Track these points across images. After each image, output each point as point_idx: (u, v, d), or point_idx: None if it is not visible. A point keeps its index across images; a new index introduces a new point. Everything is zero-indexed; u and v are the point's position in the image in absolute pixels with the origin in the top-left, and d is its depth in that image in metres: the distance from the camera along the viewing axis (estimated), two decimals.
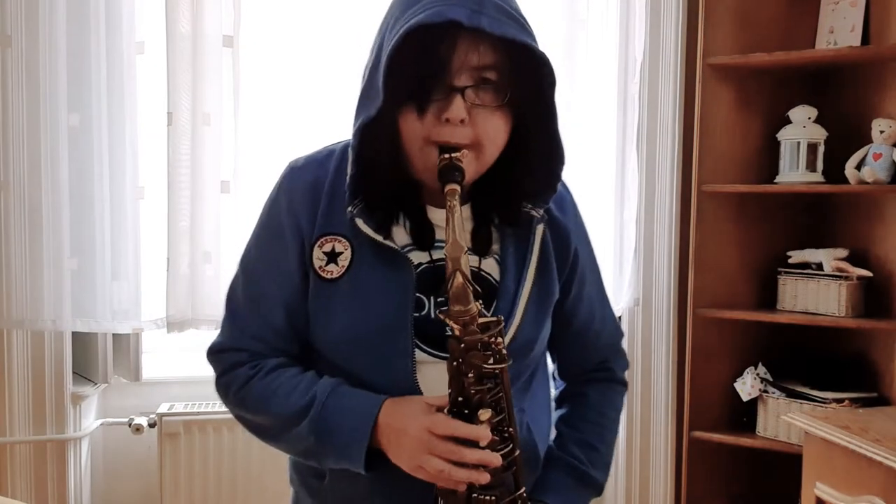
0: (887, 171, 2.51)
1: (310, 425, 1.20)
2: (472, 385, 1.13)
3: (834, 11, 2.69)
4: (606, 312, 1.45)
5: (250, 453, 2.65)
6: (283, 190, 1.28)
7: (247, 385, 1.26)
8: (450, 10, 1.09)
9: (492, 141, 1.17)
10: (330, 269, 1.23)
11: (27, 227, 2.39)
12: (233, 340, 1.30)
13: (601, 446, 1.41)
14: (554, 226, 1.31)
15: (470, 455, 1.12)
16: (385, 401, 1.19)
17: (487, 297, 1.24)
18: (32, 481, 2.52)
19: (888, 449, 1.84)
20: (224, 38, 2.45)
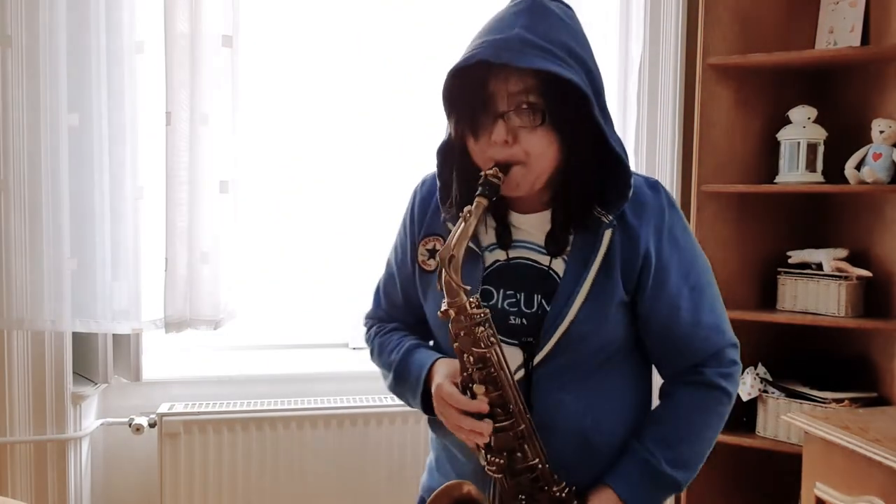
0: (887, 171, 2.50)
1: (393, 374, 1.56)
2: (471, 364, 1.37)
3: (834, 11, 2.69)
4: (702, 317, 1.49)
5: (250, 453, 2.66)
6: (411, 198, 1.61)
7: (373, 340, 1.66)
8: (480, 52, 1.33)
9: (538, 156, 1.38)
10: (430, 262, 1.54)
11: (27, 228, 2.39)
12: (372, 311, 1.71)
13: (680, 445, 1.49)
14: (626, 231, 1.44)
15: (465, 422, 1.38)
16: (437, 359, 1.49)
17: (551, 292, 1.44)
18: (33, 481, 2.52)
19: (888, 449, 1.84)
20: (223, 38, 2.45)
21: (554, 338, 1.42)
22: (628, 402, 1.53)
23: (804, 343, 2.77)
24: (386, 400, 2.75)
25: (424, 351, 1.55)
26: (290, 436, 2.69)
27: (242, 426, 2.65)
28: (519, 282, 1.46)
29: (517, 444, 1.39)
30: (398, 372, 1.55)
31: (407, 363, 1.54)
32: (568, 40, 1.35)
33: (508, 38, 1.32)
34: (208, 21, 2.42)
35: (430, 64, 2.80)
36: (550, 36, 1.34)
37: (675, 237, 1.49)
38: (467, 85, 1.37)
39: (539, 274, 1.46)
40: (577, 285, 1.42)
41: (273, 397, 2.75)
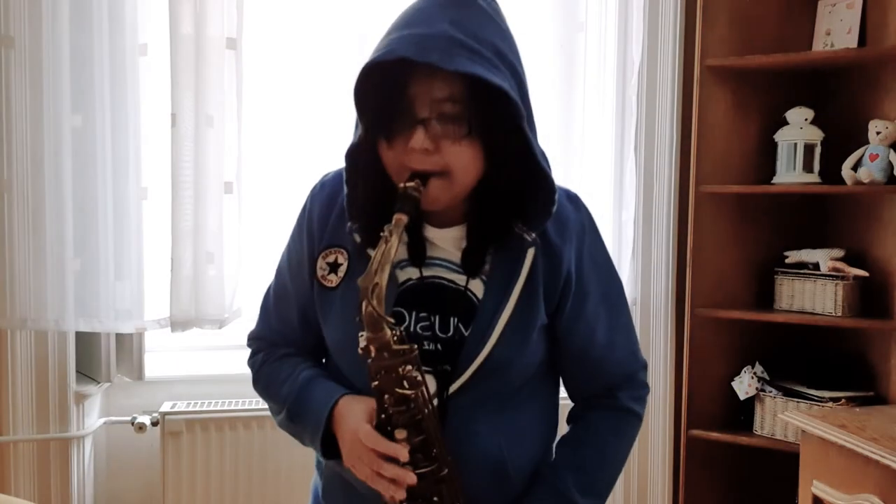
0: (883, 171, 2.52)
1: (287, 411, 1.37)
2: (391, 405, 1.22)
3: (831, 13, 2.70)
4: (616, 339, 1.43)
5: (252, 452, 2.66)
6: (307, 202, 1.41)
7: (260, 369, 1.45)
8: (401, 47, 1.16)
9: (461, 169, 1.23)
10: (330, 278, 1.35)
11: (30, 228, 2.40)
12: (259, 330, 1.48)
13: (594, 472, 1.41)
14: (548, 250, 1.33)
15: (387, 469, 1.22)
16: (342, 396, 1.31)
17: (469, 316, 1.31)
18: (36, 480, 2.52)
19: (885, 447, 1.85)
20: (227, 41, 2.46)
21: (473, 366, 1.29)
22: (542, 428, 1.44)
23: (801, 342, 2.79)
24: None
25: (323, 384, 1.36)
26: None
27: (245, 425, 2.66)
28: (433, 304, 1.32)
29: (436, 490, 1.27)
30: (293, 410, 1.36)
31: (304, 400, 1.35)
32: (496, 40, 1.21)
33: (434, 35, 1.16)
34: (212, 23, 2.43)
35: None
36: (479, 35, 1.19)
37: (595, 258, 1.41)
38: (383, 82, 1.20)
39: (455, 295, 1.32)
40: (499, 309, 1.30)
41: None
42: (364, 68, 1.19)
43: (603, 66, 2.80)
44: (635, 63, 2.81)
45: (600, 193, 2.80)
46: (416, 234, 1.33)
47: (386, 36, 1.21)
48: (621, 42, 2.80)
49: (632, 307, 2.87)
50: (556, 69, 2.75)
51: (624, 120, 2.82)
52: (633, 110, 2.82)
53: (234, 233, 2.52)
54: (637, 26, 2.79)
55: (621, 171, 2.83)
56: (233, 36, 2.46)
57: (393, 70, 1.18)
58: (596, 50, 2.79)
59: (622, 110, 2.82)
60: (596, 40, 2.79)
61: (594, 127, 2.80)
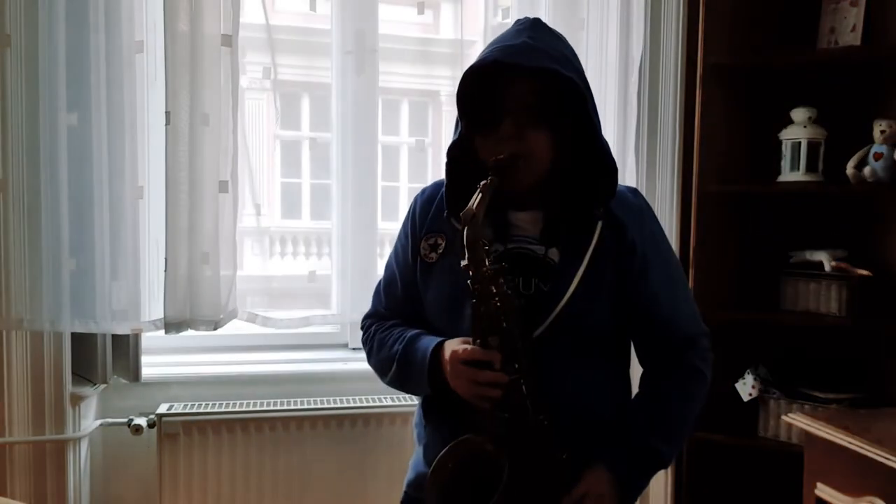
0: (888, 170, 2.50)
1: (397, 363, 1.66)
2: (485, 316, 1.49)
3: (834, 11, 2.69)
4: (680, 307, 1.69)
5: (250, 453, 2.65)
6: (412, 205, 1.77)
7: (372, 338, 1.76)
8: (493, 54, 1.52)
9: (539, 152, 1.56)
10: (431, 256, 1.68)
11: (26, 227, 2.39)
12: (372, 310, 1.83)
13: (667, 426, 1.64)
14: (614, 223, 1.61)
15: (483, 373, 1.49)
16: (444, 340, 1.60)
17: (549, 277, 1.58)
18: (31, 482, 2.52)
19: (889, 450, 1.84)
20: (223, 38, 2.44)
21: (553, 314, 1.55)
22: (615, 387, 1.69)
23: (805, 343, 2.76)
24: (386, 400, 2.74)
25: (428, 337, 1.64)
26: (289, 436, 2.68)
27: (242, 427, 2.65)
28: (517, 268, 1.58)
29: (524, 401, 1.51)
30: (402, 359, 1.65)
31: (412, 349, 1.64)
32: (565, 52, 1.57)
33: (517, 45, 1.52)
34: (208, 21, 2.42)
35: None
36: (551, 46, 1.55)
37: (655, 235, 1.69)
38: (479, 86, 1.54)
39: (536, 261, 1.60)
40: (573, 269, 1.57)
41: (273, 397, 2.74)
42: (463, 76, 1.55)
43: (604, 65, 2.78)
44: (637, 61, 2.79)
45: None
46: (500, 217, 1.62)
47: (480, 54, 1.58)
48: (623, 40, 2.78)
49: None
50: None
51: (626, 119, 2.81)
52: (634, 109, 2.80)
53: (229, 232, 2.50)
54: (638, 24, 2.78)
55: (623, 170, 2.80)
56: (228, 34, 2.45)
57: (486, 76, 1.53)
58: (597, 48, 2.78)
59: (624, 109, 2.80)
60: (597, 38, 2.78)
61: None
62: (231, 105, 2.46)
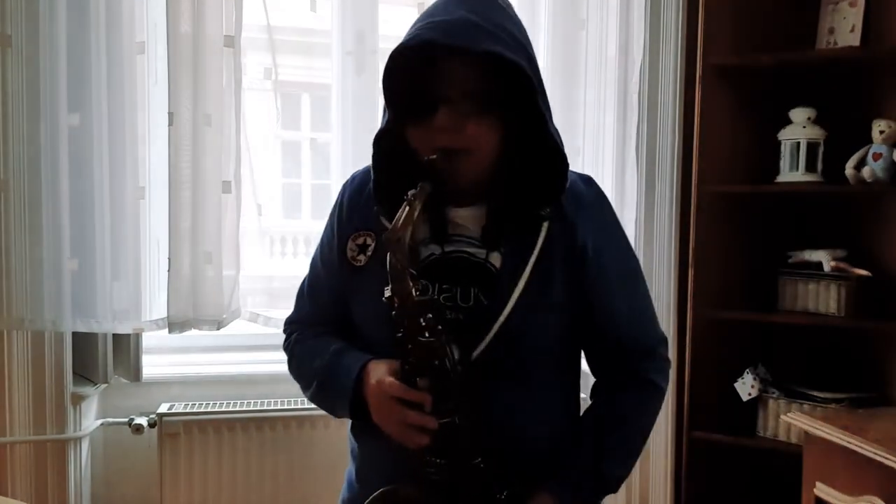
0: (887, 171, 2.50)
1: (318, 381, 1.48)
2: (413, 355, 1.30)
3: (834, 11, 2.69)
4: (637, 313, 1.51)
5: (250, 453, 2.65)
6: (340, 194, 1.55)
7: (293, 347, 1.57)
8: (427, 32, 1.29)
9: (482, 145, 1.35)
10: (359, 258, 1.46)
11: (27, 228, 2.39)
12: (295, 315, 1.62)
13: (619, 445, 1.48)
14: (563, 224, 1.42)
15: (410, 416, 1.30)
16: (369, 361, 1.40)
17: (490, 286, 1.40)
18: (32, 481, 2.52)
19: (888, 449, 1.84)
20: (225, 39, 2.44)
21: (493, 331, 1.37)
22: (562, 408, 1.50)
23: (804, 343, 2.77)
24: None
25: (353, 353, 1.45)
26: (289, 436, 2.68)
27: (242, 426, 2.65)
28: (455, 276, 1.41)
29: (459, 443, 1.33)
30: (324, 378, 1.46)
31: (334, 367, 1.45)
32: (510, 26, 1.34)
33: (455, 21, 1.29)
34: (210, 22, 2.42)
35: None
36: (494, 20, 1.32)
37: (611, 232, 1.50)
38: (410, 68, 1.32)
39: (475, 267, 1.41)
40: (515, 278, 1.38)
41: (273, 397, 2.74)
42: (391, 56, 1.31)
43: (604, 65, 2.78)
44: (637, 61, 2.79)
45: None
46: (438, 213, 1.42)
47: (410, 29, 1.33)
48: (623, 40, 2.78)
49: None
50: (557, 67, 2.73)
51: (625, 119, 2.81)
52: (634, 109, 2.80)
53: (231, 232, 2.50)
54: (638, 24, 2.77)
55: (623, 170, 2.81)
56: (231, 34, 2.45)
57: (418, 57, 1.30)
58: (597, 48, 2.78)
59: (624, 109, 2.80)
60: (597, 38, 2.78)
61: (595, 126, 2.79)
62: (233, 105, 2.46)
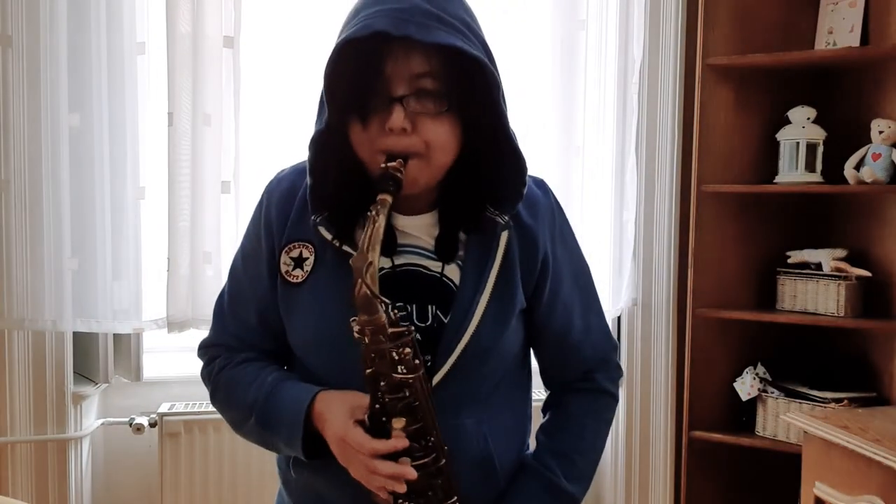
0: (886, 171, 2.51)
1: (256, 417, 1.28)
2: (386, 393, 1.16)
3: (833, 12, 2.69)
4: (591, 322, 1.42)
5: (250, 453, 2.65)
6: (264, 198, 1.34)
7: (218, 376, 1.35)
8: (376, 22, 1.12)
9: (439, 148, 1.19)
10: (296, 273, 1.28)
11: (28, 227, 2.39)
12: (215, 336, 1.39)
13: (578, 457, 1.39)
14: (522, 232, 1.31)
15: (382, 468, 1.15)
16: (318, 393, 1.24)
17: (447, 302, 1.27)
18: (33, 481, 2.52)
19: (887, 449, 1.84)
20: (224, 39, 2.45)
21: (455, 352, 1.24)
22: (521, 422, 1.43)
23: (803, 343, 2.77)
24: None
25: (295, 384, 1.28)
26: None
27: None
28: (409, 292, 1.26)
29: (435, 483, 1.21)
30: (263, 414, 1.27)
31: (276, 402, 1.27)
32: (463, 14, 1.19)
33: (408, 9, 1.13)
34: (210, 22, 2.42)
35: None
36: (448, 9, 1.16)
37: (566, 240, 1.39)
38: (355, 62, 1.16)
39: (431, 282, 1.28)
40: (477, 293, 1.26)
41: None
42: (336, 47, 1.15)
43: (604, 65, 2.78)
44: (636, 61, 2.79)
45: (601, 193, 2.79)
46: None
47: (355, 14, 1.17)
48: (622, 40, 2.79)
49: (633, 308, 2.87)
50: (556, 68, 2.73)
51: (625, 119, 2.81)
52: (634, 109, 2.80)
53: (231, 232, 2.51)
54: (638, 24, 2.78)
55: (622, 170, 2.81)
56: (230, 35, 2.45)
57: (365, 49, 1.14)
58: (597, 48, 2.78)
59: (623, 109, 2.80)
60: (597, 38, 2.77)
61: (595, 126, 2.79)
62: (233, 106, 2.47)
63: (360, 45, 1.13)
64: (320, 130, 1.21)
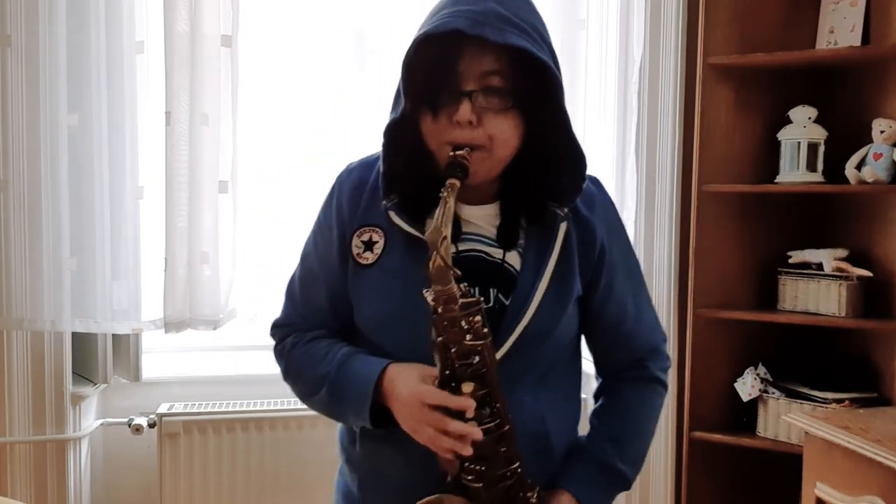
0: (887, 171, 2.50)
1: (329, 386, 1.37)
2: (456, 360, 1.24)
3: (834, 11, 2.68)
4: (643, 313, 1.51)
5: (249, 453, 2.66)
6: (335, 188, 1.45)
7: (291, 352, 1.46)
8: (455, 21, 1.22)
9: (502, 142, 1.29)
10: (366, 255, 1.39)
11: (26, 227, 2.40)
12: (286, 317, 1.51)
13: (630, 441, 1.49)
14: (580, 224, 1.40)
15: (453, 426, 1.23)
16: (388, 365, 1.33)
17: (508, 287, 1.36)
18: (32, 481, 2.52)
19: (889, 449, 1.84)
20: (222, 38, 2.45)
21: (515, 333, 1.33)
22: (573, 405, 1.50)
23: (805, 343, 2.76)
24: None
25: (365, 357, 1.37)
26: (289, 436, 2.68)
27: (242, 426, 2.65)
28: (472, 276, 1.33)
29: (498, 449, 1.28)
30: (334, 385, 1.37)
31: (347, 373, 1.36)
32: (534, 20, 1.29)
33: (483, 11, 1.23)
34: (208, 21, 2.42)
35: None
36: (520, 14, 1.27)
37: (619, 233, 1.49)
38: (431, 57, 1.26)
39: (493, 267, 1.37)
40: (536, 279, 1.35)
41: (273, 397, 2.74)
42: (415, 42, 1.25)
43: (604, 65, 2.78)
44: (637, 61, 2.79)
45: None
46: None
47: (433, 15, 1.27)
48: (623, 40, 2.78)
49: None
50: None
51: (625, 119, 2.81)
52: (634, 109, 2.80)
53: (229, 232, 2.50)
54: (638, 24, 2.77)
55: (623, 170, 2.81)
56: (228, 34, 2.46)
57: (441, 46, 1.24)
58: (597, 48, 2.78)
59: (624, 109, 2.80)
60: (597, 38, 2.78)
61: (595, 125, 2.78)
62: (231, 105, 2.46)
63: (437, 42, 1.24)
64: (395, 119, 1.31)
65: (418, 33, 1.25)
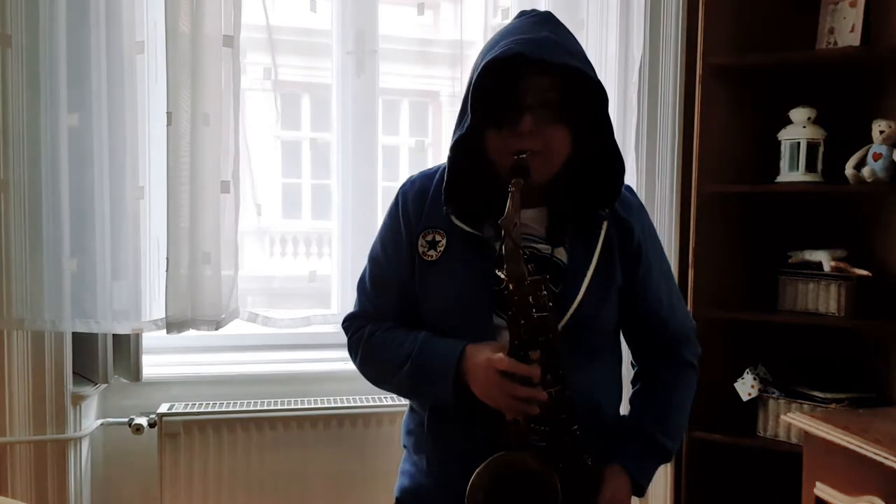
0: (887, 171, 2.50)
1: (410, 365, 1.59)
2: (525, 331, 1.46)
3: (834, 11, 2.69)
4: (675, 304, 1.74)
5: (250, 453, 2.65)
6: (399, 197, 1.70)
7: (369, 339, 1.67)
8: (517, 47, 1.46)
9: (555, 149, 1.53)
10: (430, 253, 1.62)
11: (27, 227, 2.39)
12: (360, 309, 1.73)
13: (670, 417, 1.70)
14: (619, 223, 1.63)
15: (520, 390, 1.46)
16: (468, 343, 1.55)
17: (556, 278, 1.56)
18: (32, 481, 2.51)
19: (888, 449, 1.84)
20: (224, 38, 2.44)
21: (565, 318, 1.54)
22: (617, 385, 1.73)
23: (804, 343, 2.77)
24: (386, 400, 2.74)
25: (444, 339, 1.59)
26: (290, 436, 2.68)
27: (242, 426, 2.65)
28: None
29: (559, 412, 1.50)
30: (418, 362, 1.58)
31: (429, 352, 1.58)
32: (581, 50, 1.54)
33: (540, 39, 1.47)
34: (209, 21, 2.42)
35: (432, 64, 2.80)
36: (569, 43, 1.52)
37: (652, 233, 1.73)
38: (494, 79, 1.48)
39: (543, 261, 1.58)
40: (583, 271, 1.57)
41: (273, 397, 2.75)
42: (484, 66, 1.48)
43: (604, 65, 2.78)
44: (637, 61, 2.79)
45: None
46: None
47: (495, 44, 1.51)
48: (622, 40, 2.78)
49: None
50: None
51: (625, 119, 2.81)
52: (634, 109, 2.80)
53: (230, 232, 2.50)
54: (638, 24, 2.77)
55: None
56: (230, 34, 2.45)
57: (503, 70, 1.47)
58: (597, 48, 2.78)
59: (623, 109, 2.80)
60: (597, 38, 2.78)
61: None
62: (232, 105, 2.46)
63: (503, 67, 1.47)
64: (462, 135, 1.54)
65: (485, 60, 1.48)
